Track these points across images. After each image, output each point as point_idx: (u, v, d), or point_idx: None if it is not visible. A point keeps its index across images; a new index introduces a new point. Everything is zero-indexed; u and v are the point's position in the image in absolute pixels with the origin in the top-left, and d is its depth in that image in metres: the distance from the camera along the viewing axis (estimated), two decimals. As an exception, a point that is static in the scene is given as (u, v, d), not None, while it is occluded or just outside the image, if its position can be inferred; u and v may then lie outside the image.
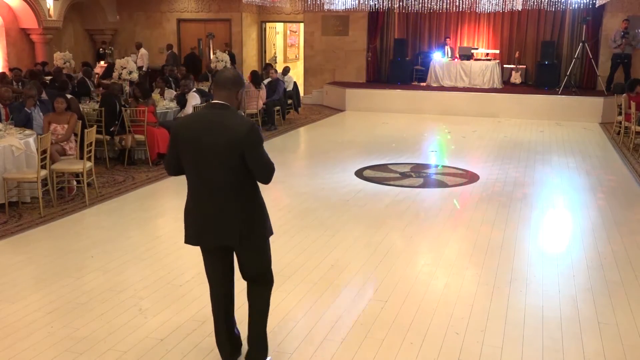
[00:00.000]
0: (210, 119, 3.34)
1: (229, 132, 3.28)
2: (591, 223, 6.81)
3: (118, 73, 11.01)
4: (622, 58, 14.70)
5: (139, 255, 5.62)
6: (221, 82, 3.40)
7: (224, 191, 3.36)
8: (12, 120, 8.12)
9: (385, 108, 15.44)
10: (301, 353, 3.92)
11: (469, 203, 7.53)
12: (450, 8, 15.46)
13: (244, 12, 18.54)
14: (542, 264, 5.53)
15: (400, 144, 11.42)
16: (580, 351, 4.00)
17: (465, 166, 9.58)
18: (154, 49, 18.84)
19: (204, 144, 3.30)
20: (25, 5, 15.68)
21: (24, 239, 6.13)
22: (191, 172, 3.43)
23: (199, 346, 3.98)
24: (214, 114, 3.35)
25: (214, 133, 3.29)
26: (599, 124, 13.98)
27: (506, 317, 4.44)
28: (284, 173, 9.32)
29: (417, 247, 6.03)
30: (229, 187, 3.35)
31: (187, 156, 3.39)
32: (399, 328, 4.26)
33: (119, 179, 8.56)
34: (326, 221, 6.72)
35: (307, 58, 17.96)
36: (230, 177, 3.33)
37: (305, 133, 13.04)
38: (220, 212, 3.39)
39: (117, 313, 4.44)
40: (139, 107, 9.30)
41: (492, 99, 15.08)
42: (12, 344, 3.99)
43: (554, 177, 8.97)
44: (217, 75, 3.49)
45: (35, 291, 4.85)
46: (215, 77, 3.48)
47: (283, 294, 4.76)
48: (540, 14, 16.22)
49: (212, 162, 3.31)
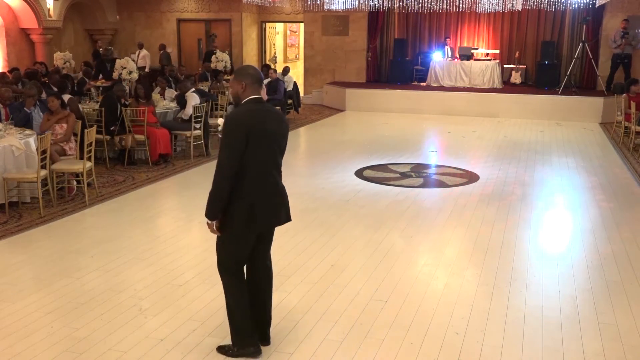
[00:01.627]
0: (268, 109, 3.78)
1: (284, 121, 3.92)
2: (591, 223, 6.81)
3: (118, 73, 11.00)
4: (622, 58, 14.71)
5: (139, 255, 5.62)
6: (257, 76, 3.72)
7: (281, 174, 3.93)
8: (12, 120, 8.13)
9: (385, 108, 15.44)
10: (301, 353, 3.92)
11: (469, 203, 7.53)
12: (450, 8, 15.46)
13: (244, 12, 18.54)
14: (542, 264, 5.53)
15: (400, 144, 11.42)
16: (580, 351, 4.00)
17: (465, 166, 9.58)
18: (154, 48, 18.82)
19: (271, 132, 3.70)
20: (25, 5, 15.68)
21: (24, 239, 6.14)
22: (261, 160, 3.69)
23: (199, 346, 3.98)
24: (267, 107, 3.79)
25: (275, 122, 3.76)
26: (599, 124, 13.98)
27: (506, 317, 4.44)
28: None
29: (417, 247, 6.03)
30: (280, 169, 3.92)
31: (259, 144, 3.63)
32: (399, 328, 4.26)
33: (119, 179, 8.56)
34: (326, 221, 6.72)
35: (307, 58, 17.97)
36: (281, 161, 3.92)
37: (305, 133, 13.04)
38: (285, 193, 3.92)
39: (117, 313, 4.44)
40: (139, 107, 9.30)
41: (492, 99, 15.08)
42: (12, 344, 3.99)
43: (554, 177, 8.97)
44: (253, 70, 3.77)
45: (35, 291, 4.85)
46: (254, 72, 3.74)
47: (283, 294, 4.77)
48: (540, 14, 16.22)
49: (278, 149, 3.83)
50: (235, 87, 3.70)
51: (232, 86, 3.72)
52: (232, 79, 3.75)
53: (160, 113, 10.07)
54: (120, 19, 19.40)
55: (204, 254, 5.51)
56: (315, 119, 14.72)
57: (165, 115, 10.28)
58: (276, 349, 3.95)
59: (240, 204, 3.64)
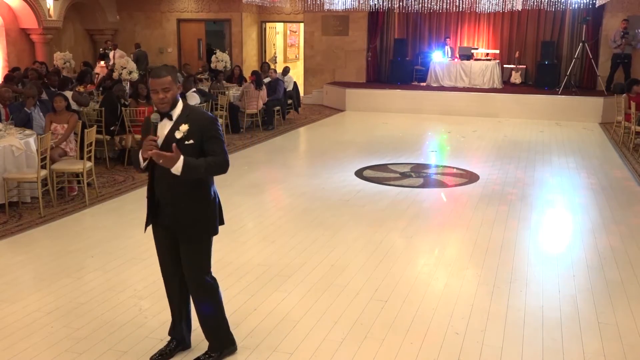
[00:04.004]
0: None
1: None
2: (591, 223, 6.81)
3: (118, 73, 11.00)
4: (622, 58, 14.71)
5: (139, 255, 5.61)
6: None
7: None
8: (12, 120, 8.12)
9: (385, 108, 15.44)
10: (301, 353, 3.92)
11: (469, 203, 7.53)
12: (450, 8, 15.47)
13: (244, 12, 18.54)
14: (542, 264, 5.53)
15: (400, 144, 11.42)
16: (580, 351, 4.00)
17: (465, 166, 9.58)
18: (153, 49, 18.84)
19: None
20: (25, 5, 15.68)
21: (24, 239, 6.13)
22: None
23: (199, 346, 3.98)
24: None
25: None
26: (599, 124, 13.98)
27: (506, 317, 4.44)
28: (284, 173, 9.33)
29: (417, 247, 6.03)
30: None
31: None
32: (399, 328, 4.26)
33: (119, 179, 8.56)
34: (326, 221, 6.72)
35: (307, 58, 17.96)
36: None
37: (305, 133, 13.04)
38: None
39: (117, 313, 4.44)
40: (139, 108, 9.30)
41: (492, 99, 15.08)
42: (12, 344, 3.99)
43: (554, 177, 8.97)
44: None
45: (35, 291, 4.85)
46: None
47: (283, 294, 4.77)
48: (540, 14, 16.21)
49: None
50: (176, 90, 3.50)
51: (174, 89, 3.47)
52: (169, 81, 3.43)
53: (160, 113, 10.05)
54: (120, 19, 19.41)
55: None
56: (315, 119, 14.72)
57: (165, 115, 10.26)
58: (276, 349, 3.95)
59: (214, 204, 3.63)
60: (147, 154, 3.36)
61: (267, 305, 4.57)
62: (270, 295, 4.75)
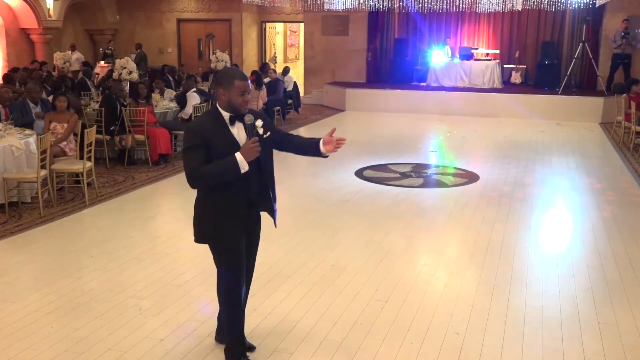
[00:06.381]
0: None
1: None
2: (591, 223, 6.81)
3: (118, 73, 11.01)
4: (622, 58, 14.71)
5: (139, 255, 5.61)
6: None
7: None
8: (12, 120, 8.12)
9: (385, 108, 15.43)
10: (301, 353, 3.92)
11: (469, 203, 7.53)
12: (450, 8, 15.47)
13: (244, 12, 18.54)
14: (542, 264, 5.53)
15: (400, 144, 11.42)
16: (580, 351, 4.00)
17: (465, 166, 9.58)
18: (153, 49, 18.84)
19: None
20: (25, 5, 15.68)
21: (24, 239, 6.13)
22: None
23: (199, 346, 3.98)
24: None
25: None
26: (599, 124, 13.98)
27: (506, 317, 4.44)
28: (284, 173, 9.32)
29: (417, 247, 6.02)
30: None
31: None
32: (399, 328, 4.26)
33: (119, 179, 8.56)
34: (326, 221, 6.72)
35: (307, 58, 17.97)
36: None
37: (305, 133, 13.03)
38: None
39: (117, 313, 4.44)
40: (139, 108, 9.30)
41: (492, 99, 15.07)
42: (12, 344, 3.99)
43: (554, 177, 8.97)
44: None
45: (35, 291, 4.85)
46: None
47: (283, 294, 4.77)
48: (540, 14, 16.22)
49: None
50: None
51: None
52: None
53: (159, 113, 10.08)
54: (120, 19, 19.41)
55: (204, 254, 5.47)
56: (315, 119, 14.71)
57: (165, 115, 10.29)
58: (276, 349, 3.95)
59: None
60: (255, 155, 3.41)
61: (267, 305, 4.57)
62: (270, 295, 4.75)
